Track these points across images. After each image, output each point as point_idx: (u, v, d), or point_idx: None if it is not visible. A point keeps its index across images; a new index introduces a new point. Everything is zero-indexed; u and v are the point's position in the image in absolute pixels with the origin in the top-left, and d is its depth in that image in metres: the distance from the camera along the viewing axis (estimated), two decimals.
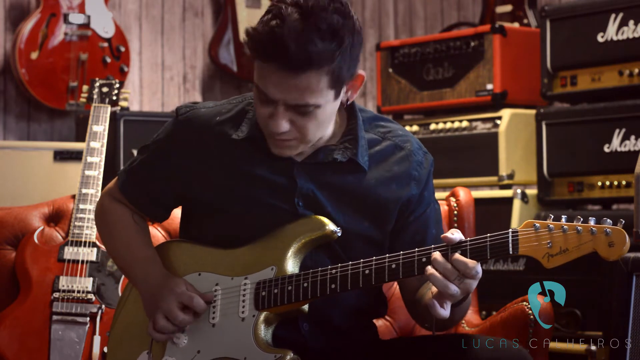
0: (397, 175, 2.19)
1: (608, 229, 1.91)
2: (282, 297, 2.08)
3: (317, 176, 2.15)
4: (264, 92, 2.03)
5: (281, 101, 2.02)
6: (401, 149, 2.21)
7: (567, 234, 1.93)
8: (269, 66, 1.99)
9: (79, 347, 3.06)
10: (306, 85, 1.99)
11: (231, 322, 2.11)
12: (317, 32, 1.96)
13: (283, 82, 1.99)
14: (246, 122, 2.17)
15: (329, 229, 2.09)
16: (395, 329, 2.72)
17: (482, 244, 1.97)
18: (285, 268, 2.10)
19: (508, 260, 3.73)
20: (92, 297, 3.12)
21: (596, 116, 3.72)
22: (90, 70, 4.54)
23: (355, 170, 2.16)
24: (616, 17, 3.68)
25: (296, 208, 2.14)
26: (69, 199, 3.21)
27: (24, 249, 3.05)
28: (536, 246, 1.94)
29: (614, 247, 1.90)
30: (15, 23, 4.66)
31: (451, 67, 4.27)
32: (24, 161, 3.92)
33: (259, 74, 2.03)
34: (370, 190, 2.17)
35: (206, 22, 5.27)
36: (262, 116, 2.07)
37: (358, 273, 2.04)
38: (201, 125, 2.19)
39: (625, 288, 2.69)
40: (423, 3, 5.91)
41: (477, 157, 4.14)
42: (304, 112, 2.03)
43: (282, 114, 2.03)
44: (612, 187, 3.66)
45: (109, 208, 2.31)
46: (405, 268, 2.01)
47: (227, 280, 2.15)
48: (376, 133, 2.21)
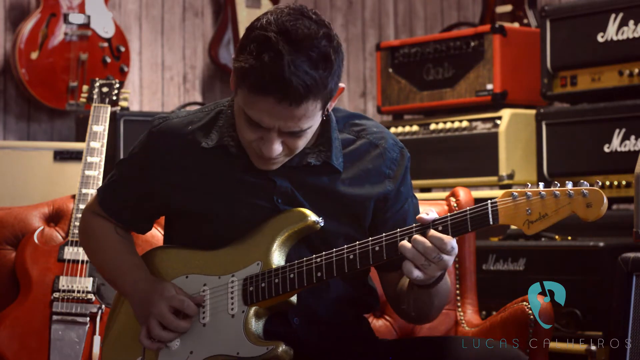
0: (371, 173, 2.21)
1: (585, 190, 1.93)
2: (269, 290, 2.10)
3: (293, 177, 2.17)
4: (255, 121, 2.02)
5: (275, 129, 2.03)
6: (376, 146, 2.23)
7: (545, 199, 1.96)
8: (266, 99, 1.98)
9: (79, 347, 3.06)
10: (303, 113, 2.00)
11: (221, 319, 2.13)
12: (310, 62, 1.97)
13: (280, 113, 1.99)
14: (216, 129, 2.18)
15: (311, 220, 2.12)
16: (395, 329, 2.72)
17: (462, 217, 2.00)
18: (271, 262, 2.12)
19: (508, 260, 3.72)
20: (92, 297, 3.12)
21: (596, 116, 3.72)
22: (90, 70, 4.54)
23: (330, 171, 2.18)
24: (616, 17, 3.68)
25: (276, 205, 2.16)
26: (69, 199, 3.21)
27: (24, 249, 3.05)
28: (515, 214, 1.97)
29: (592, 208, 1.92)
30: (15, 23, 4.66)
31: (451, 67, 4.27)
32: (24, 161, 3.92)
33: (250, 104, 2.01)
34: (345, 189, 2.19)
35: (206, 22, 5.27)
36: (248, 139, 2.07)
37: (343, 259, 2.07)
38: (173, 136, 2.20)
39: (625, 288, 2.69)
40: (423, 3, 5.91)
41: (477, 157, 4.14)
42: (297, 135, 2.05)
43: (275, 139, 2.04)
44: (612, 187, 3.66)
45: (91, 223, 2.33)
46: (388, 249, 2.04)
47: (214, 279, 2.17)
48: (350, 132, 2.23)
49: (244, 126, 2.06)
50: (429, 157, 4.25)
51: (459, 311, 2.85)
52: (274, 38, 1.96)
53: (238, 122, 2.08)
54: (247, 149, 2.12)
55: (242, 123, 2.06)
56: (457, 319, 2.84)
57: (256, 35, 1.99)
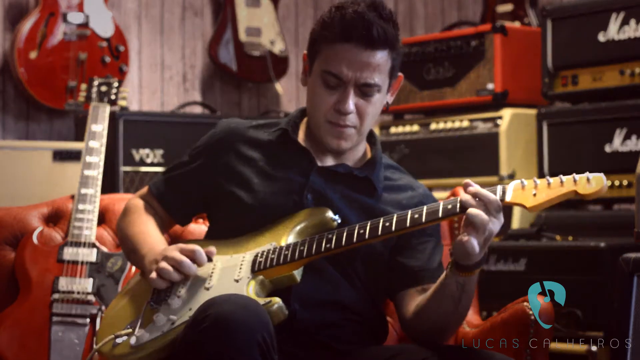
0: (407, 205, 2.28)
1: (590, 176, 2.01)
2: (277, 259, 2.15)
3: (332, 182, 2.28)
4: (335, 75, 2.21)
5: (352, 81, 2.21)
6: (413, 189, 2.35)
7: (551, 184, 2.03)
8: (347, 46, 2.20)
9: (78, 349, 3.05)
10: (378, 63, 2.20)
11: (225, 283, 2.16)
12: (384, 20, 2.22)
13: (358, 60, 2.20)
14: (277, 130, 2.35)
15: (328, 216, 2.21)
16: (396, 330, 2.71)
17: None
18: (284, 242, 2.19)
19: (509, 261, 3.72)
20: (92, 298, 3.11)
21: (597, 116, 3.72)
22: (90, 69, 4.53)
23: (369, 192, 2.30)
24: (617, 17, 3.68)
25: (303, 201, 2.25)
26: (68, 199, 3.20)
27: (24, 250, 3.04)
28: (523, 194, 2.04)
29: (592, 186, 2.00)
30: (14, 22, 4.65)
31: (452, 67, 4.26)
32: (23, 161, 3.92)
33: (330, 59, 2.22)
34: (380, 205, 2.28)
35: (206, 21, 5.27)
36: (326, 104, 2.23)
37: (353, 230, 2.13)
38: (236, 130, 2.37)
39: (626, 288, 2.69)
40: (423, 2, 5.90)
41: (477, 157, 4.14)
42: (369, 93, 2.22)
43: (350, 95, 2.21)
44: (613, 187, 3.65)
45: (138, 204, 2.45)
46: (398, 224, 2.10)
47: (226, 258, 2.22)
48: (392, 174, 2.37)
49: (322, 93, 2.23)
50: (429, 157, 4.24)
51: None
52: (350, 3, 2.23)
53: (314, 95, 2.25)
54: (320, 127, 2.26)
55: (319, 92, 2.24)
56: None
57: (333, 7, 2.25)
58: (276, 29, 5.09)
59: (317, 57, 2.25)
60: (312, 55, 2.28)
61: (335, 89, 2.22)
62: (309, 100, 2.29)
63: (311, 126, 2.31)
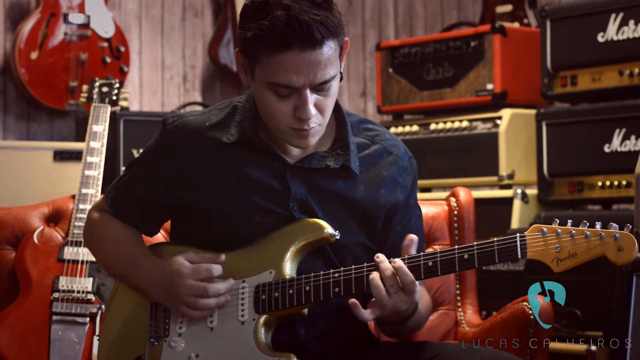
0: (385, 180, 2.20)
1: (617, 234, 1.93)
2: (283, 300, 2.07)
3: (309, 181, 2.16)
4: (285, 86, 2.02)
5: (306, 86, 2.03)
6: (389, 153, 2.23)
7: (576, 239, 1.95)
8: (290, 54, 1.99)
9: (78, 348, 3.05)
10: (327, 57, 2.01)
11: (230, 326, 2.10)
12: (314, 5, 2.01)
13: (307, 63, 2.01)
14: (235, 125, 2.17)
15: (327, 232, 2.09)
16: None
17: (490, 248, 1.98)
18: (284, 271, 2.09)
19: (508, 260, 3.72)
20: (92, 298, 3.12)
21: (596, 116, 3.72)
22: (90, 70, 4.54)
23: (346, 175, 2.17)
24: (616, 17, 3.68)
25: (292, 212, 2.14)
26: (68, 199, 3.20)
27: (24, 249, 3.05)
28: (544, 250, 1.96)
29: (624, 252, 1.92)
30: (15, 23, 4.65)
31: (451, 67, 4.27)
32: (23, 161, 3.92)
33: (275, 68, 2.02)
34: (360, 195, 2.18)
35: (206, 22, 5.27)
36: (283, 114, 2.06)
37: (362, 276, 2.04)
38: (191, 132, 2.18)
39: (625, 288, 2.69)
40: (423, 3, 5.91)
41: (477, 157, 4.14)
42: (326, 89, 2.05)
43: (308, 98, 2.03)
44: (612, 187, 3.65)
45: (95, 220, 2.29)
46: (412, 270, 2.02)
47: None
48: (365, 137, 2.23)
49: (274, 103, 2.06)
50: (429, 157, 4.24)
51: (459, 311, 2.85)
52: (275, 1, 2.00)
53: (266, 105, 2.07)
54: (281, 132, 2.09)
55: (271, 102, 2.06)
56: (457, 319, 2.84)
57: (255, 5, 2.02)
58: None
59: (258, 66, 2.05)
60: (251, 61, 2.07)
61: (289, 97, 2.04)
62: (262, 107, 2.11)
63: (271, 129, 2.13)
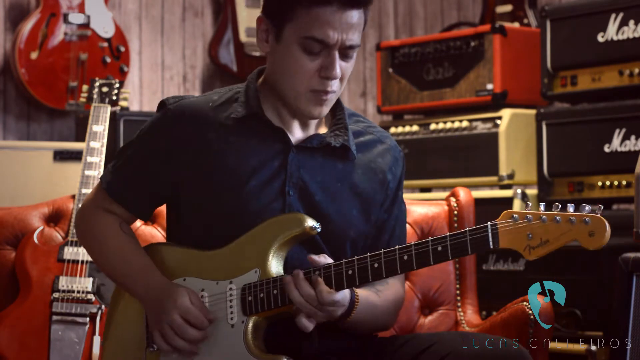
0: (379, 168, 2.24)
1: (587, 218, 1.87)
2: (268, 301, 2.06)
3: (309, 162, 2.17)
4: (319, 41, 2.07)
5: (337, 45, 2.08)
6: (382, 142, 2.28)
7: (547, 224, 1.90)
8: (330, 9, 2.05)
9: (78, 348, 3.05)
10: (359, 22, 2.09)
11: (221, 329, 2.10)
12: None
13: (343, 22, 2.06)
14: (239, 104, 2.18)
15: (307, 225, 2.07)
16: (395, 328, 2.71)
17: (462, 239, 1.96)
18: (269, 270, 2.09)
19: (508, 260, 3.72)
20: (92, 298, 3.12)
21: (596, 116, 3.72)
22: (90, 70, 4.54)
23: (344, 157, 2.20)
24: (616, 17, 3.68)
25: (285, 197, 2.14)
26: (68, 199, 3.20)
27: (24, 249, 3.05)
28: (516, 238, 1.92)
29: (595, 237, 1.86)
30: (15, 23, 4.66)
31: (451, 67, 4.27)
32: (23, 161, 3.92)
33: (311, 24, 2.06)
34: (359, 178, 2.21)
35: (206, 22, 5.27)
36: (308, 73, 2.10)
37: (341, 273, 2.04)
38: (194, 112, 2.18)
39: (625, 288, 2.69)
40: (423, 3, 5.91)
41: (477, 157, 4.14)
42: (350, 55, 2.11)
43: (337, 59, 2.09)
44: (612, 187, 3.66)
45: (92, 221, 2.26)
46: (387, 266, 2.02)
47: (212, 285, 2.13)
48: (358, 126, 2.27)
49: (302, 61, 2.09)
50: (429, 157, 4.24)
51: (459, 311, 2.85)
52: None
53: (291, 64, 2.10)
54: (298, 96, 2.12)
55: (297, 60, 2.09)
56: (457, 319, 2.84)
57: None
58: None
59: (291, 23, 2.08)
60: (281, 21, 2.10)
61: (317, 55, 2.09)
62: (284, 69, 2.12)
63: (284, 96, 2.15)
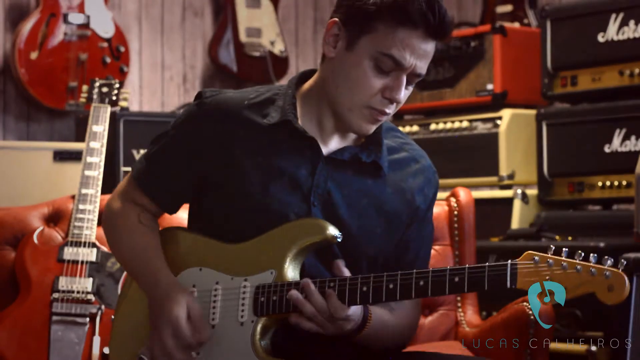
0: (410, 188, 2.18)
1: (607, 272, 1.84)
2: (280, 305, 2.05)
3: (338, 175, 2.13)
4: (395, 60, 2.02)
5: (409, 69, 2.04)
6: (417, 161, 2.21)
7: (567, 272, 1.88)
8: (415, 33, 2.02)
9: (78, 348, 3.05)
10: (432, 53, 2.06)
11: (230, 325, 2.09)
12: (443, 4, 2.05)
13: (422, 48, 2.03)
14: (275, 109, 2.13)
15: (329, 234, 2.04)
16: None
17: (481, 273, 1.93)
18: (285, 273, 2.07)
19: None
20: (92, 298, 3.11)
21: (597, 116, 3.72)
22: (90, 70, 4.54)
23: (375, 174, 2.15)
24: (617, 17, 3.68)
25: (310, 207, 2.10)
26: (68, 199, 3.20)
27: (24, 250, 3.05)
28: (534, 281, 1.90)
29: (613, 292, 1.84)
30: (14, 23, 4.65)
31: (451, 67, 4.27)
32: (23, 161, 3.92)
33: (392, 42, 2.01)
34: (387, 197, 2.15)
35: (206, 22, 5.27)
36: (371, 89, 2.04)
37: (356, 289, 2.00)
38: (229, 108, 2.14)
39: None
40: None
41: (477, 157, 4.14)
42: (413, 83, 2.08)
43: (404, 83, 2.05)
44: (612, 187, 3.66)
45: (115, 212, 2.26)
46: (402, 289, 1.98)
47: (227, 279, 2.12)
48: (394, 142, 2.21)
49: (369, 75, 2.03)
50: (429, 157, 4.24)
51: (459, 311, 2.85)
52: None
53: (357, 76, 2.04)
54: (352, 109, 2.06)
55: (365, 74, 2.04)
56: (458, 319, 2.84)
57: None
58: (276, 30, 5.09)
59: (369, 34, 2.02)
60: (359, 31, 2.03)
61: (386, 74, 2.03)
62: (347, 78, 2.06)
63: (337, 104, 2.09)
